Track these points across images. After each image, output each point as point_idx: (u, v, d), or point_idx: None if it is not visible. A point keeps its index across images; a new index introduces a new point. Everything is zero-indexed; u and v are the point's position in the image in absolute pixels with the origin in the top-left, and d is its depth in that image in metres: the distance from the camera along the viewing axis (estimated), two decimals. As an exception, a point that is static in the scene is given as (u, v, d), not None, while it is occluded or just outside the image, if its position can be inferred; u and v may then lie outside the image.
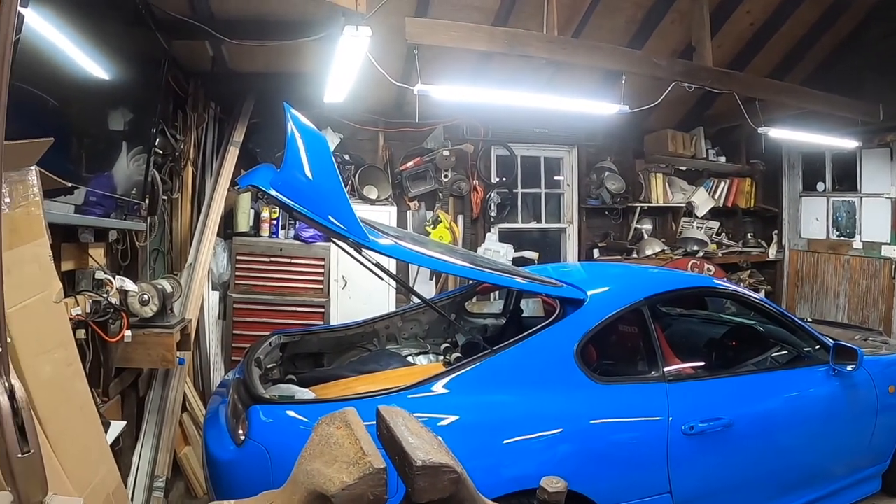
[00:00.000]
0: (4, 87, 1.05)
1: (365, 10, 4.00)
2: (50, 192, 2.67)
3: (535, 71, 6.87)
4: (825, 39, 7.80)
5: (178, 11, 4.31)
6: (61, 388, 2.34)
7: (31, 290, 2.23)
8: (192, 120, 5.61)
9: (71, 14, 2.89)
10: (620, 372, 3.93)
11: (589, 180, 8.37)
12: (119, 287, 3.59)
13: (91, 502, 2.34)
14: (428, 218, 7.46)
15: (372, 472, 1.12)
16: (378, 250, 3.14)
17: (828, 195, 8.86)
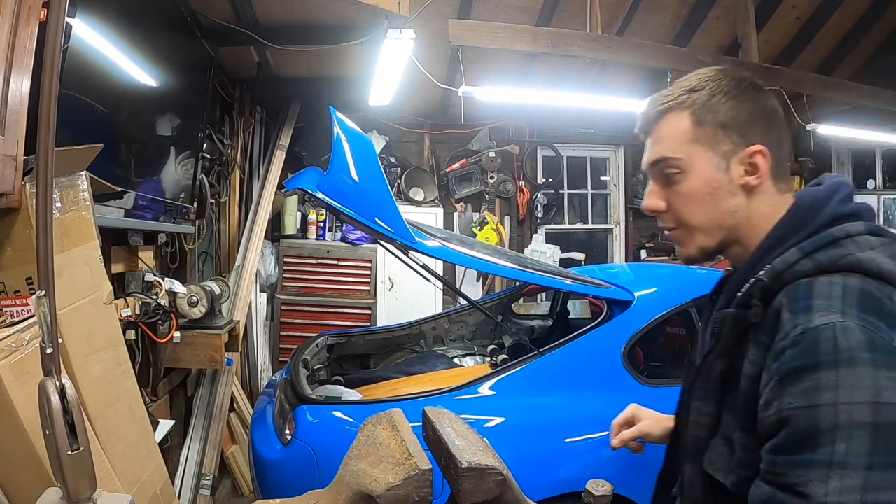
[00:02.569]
0: (54, 95, 1.06)
1: (408, 12, 4.01)
2: (100, 197, 2.72)
3: (579, 70, 6.82)
4: (873, 32, 7.60)
5: (224, 19, 4.36)
6: (111, 387, 2.37)
7: (82, 292, 2.27)
8: (239, 125, 5.68)
9: (119, 24, 2.94)
10: (667, 374, 3.87)
11: (636, 180, 8.28)
12: (168, 289, 3.64)
13: (139, 499, 2.37)
14: (474, 219, 7.45)
15: (417, 473, 1.12)
16: (424, 252, 3.14)
17: (878, 193, 8.65)
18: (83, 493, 1.11)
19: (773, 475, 1.07)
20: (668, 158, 1.31)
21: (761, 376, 1.14)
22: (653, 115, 1.34)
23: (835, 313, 1.07)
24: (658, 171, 1.34)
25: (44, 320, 1.08)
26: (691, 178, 1.30)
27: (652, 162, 1.34)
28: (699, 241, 1.33)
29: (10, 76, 1.83)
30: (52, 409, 1.08)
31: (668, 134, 1.31)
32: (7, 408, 1.70)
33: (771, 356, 1.12)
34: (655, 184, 1.35)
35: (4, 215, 2.04)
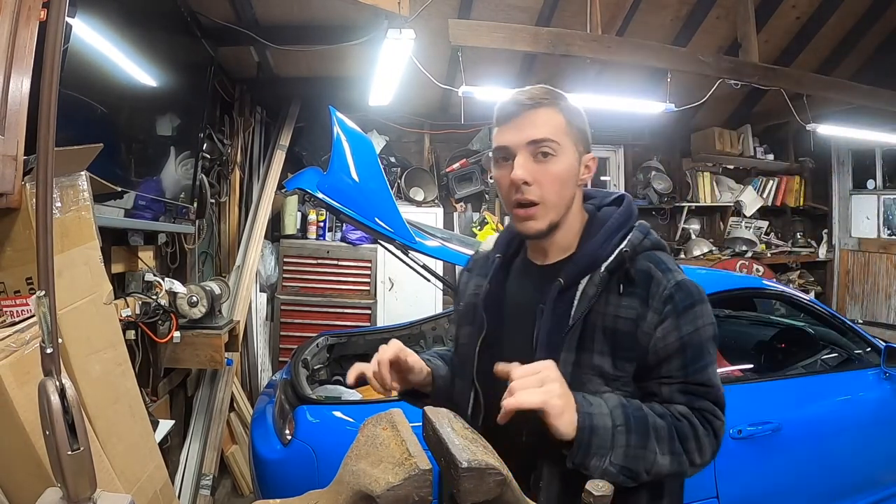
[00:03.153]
0: (54, 95, 1.06)
1: (408, 12, 4.00)
2: (100, 197, 2.72)
3: (579, 70, 6.82)
4: (873, 32, 7.59)
5: (224, 19, 4.36)
6: (111, 387, 2.37)
7: (82, 292, 2.27)
8: (239, 125, 5.68)
9: (119, 24, 2.94)
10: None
11: (636, 180, 8.29)
12: (168, 289, 3.64)
13: (139, 499, 2.37)
14: (474, 219, 7.45)
15: (417, 473, 1.12)
16: (425, 252, 3.14)
17: (878, 193, 8.65)
18: (83, 493, 1.11)
19: (685, 383, 1.54)
20: (549, 140, 1.57)
21: (642, 318, 1.53)
22: (527, 104, 1.60)
23: (680, 273, 1.59)
24: (535, 148, 1.57)
25: (44, 320, 1.08)
26: (561, 162, 1.58)
27: (534, 140, 1.57)
28: (550, 216, 1.60)
29: (10, 76, 1.83)
30: (52, 409, 1.08)
31: (548, 122, 1.59)
32: (7, 408, 1.70)
33: (657, 302, 1.53)
34: (527, 160, 1.57)
35: (4, 215, 2.04)
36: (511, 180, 1.57)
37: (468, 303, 1.79)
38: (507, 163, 1.62)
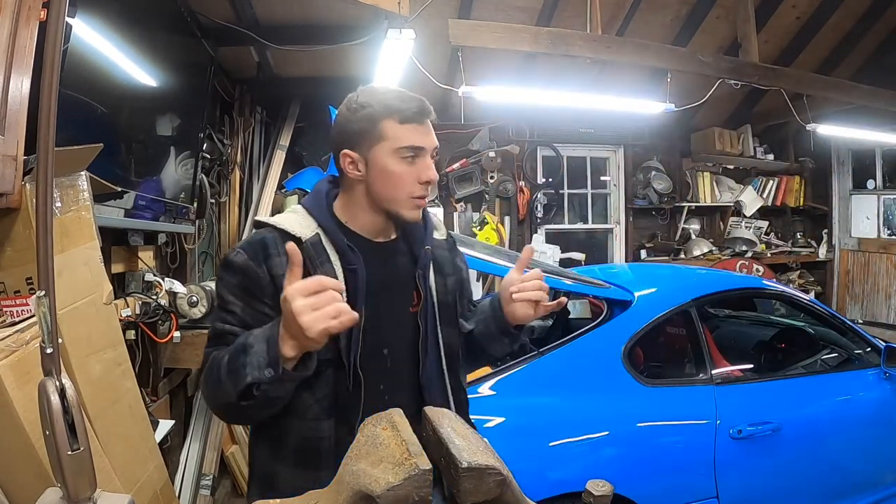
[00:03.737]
0: (54, 95, 1.06)
1: (408, 12, 4.00)
2: (100, 197, 2.72)
3: (579, 70, 6.82)
4: (873, 32, 7.61)
5: (224, 18, 4.35)
6: (111, 387, 2.38)
7: (82, 292, 2.27)
8: (239, 125, 5.68)
9: (119, 24, 2.93)
10: (668, 374, 3.87)
11: (636, 180, 8.29)
12: (168, 289, 3.64)
13: (139, 499, 2.37)
14: (474, 219, 7.45)
15: (417, 473, 1.12)
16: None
17: (878, 193, 8.66)
18: (83, 493, 1.11)
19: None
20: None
21: (459, 268, 2.04)
22: (428, 110, 1.76)
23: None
24: (434, 153, 1.79)
25: (44, 320, 1.08)
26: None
27: (435, 146, 1.79)
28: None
29: (10, 76, 1.83)
30: (52, 409, 1.08)
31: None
32: (7, 408, 1.71)
33: (464, 267, 2.10)
34: (432, 160, 1.78)
35: (4, 215, 2.04)
36: (427, 179, 1.75)
37: (276, 277, 1.69)
38: (414, 160, 1.74)
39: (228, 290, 1.70)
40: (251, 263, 1.68)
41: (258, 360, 1.48)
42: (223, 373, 1.55)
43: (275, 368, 1.46)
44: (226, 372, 1.55)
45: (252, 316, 1.66)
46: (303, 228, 1.74)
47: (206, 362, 1.66)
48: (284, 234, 1.72)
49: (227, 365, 1.55)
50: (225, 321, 1.68)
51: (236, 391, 1.51)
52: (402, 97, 1.74)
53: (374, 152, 1.72)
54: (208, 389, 1.65)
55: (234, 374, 1.52)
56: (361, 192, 1.78)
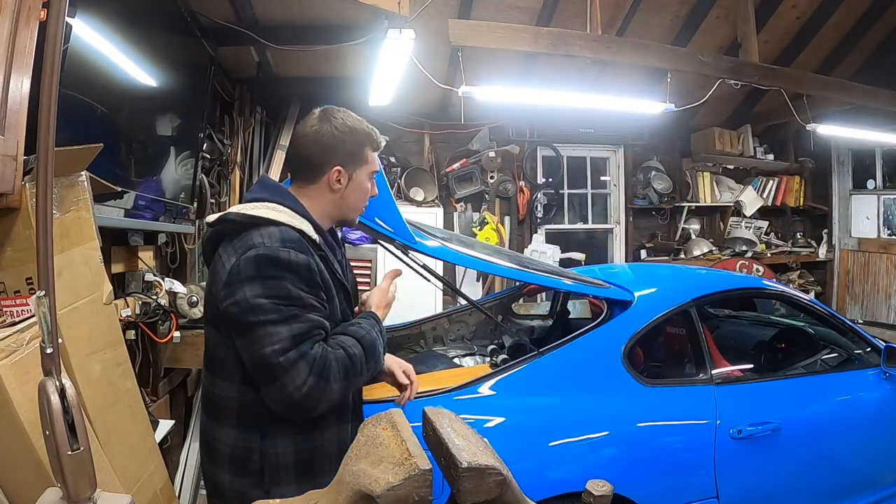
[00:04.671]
0: (54, 95, 1.06)
1: (408, 12, 4.00)
2: (100, 197, 2.72)
3: (579, 70, 6.82)
4: (873, 32, 7.60)
5: (224, 18, 4.36)
6: (111, 387, 2.38)
7: (82, 292, 2.27)
8: (239, 125, 5.68)
9: (119, 24, 2.93)
10: (668, 374, 3.87)
11: (636, 180, 8.29)
12: (168, 289, 3.64)
13: (139, 499, 2.37)
14: (474, 219, 7.45)
15: (417, 473, 1.12)
16: (425, 252, 3.13)
17: (878, 193, 8.66)
18: (83, 493, 1.11)
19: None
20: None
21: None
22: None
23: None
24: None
25: (44, 320, 1.08)
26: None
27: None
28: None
29: (10, 76, 1.83)
30: (52, 409, 1.08)
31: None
32: (7, 408, 1.70)
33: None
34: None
35: (4, 215, 2.04)
36: (374, 195, 2.18)
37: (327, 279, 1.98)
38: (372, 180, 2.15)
39: (296, 286, 1.83)
40: (311, 261, 1.89)
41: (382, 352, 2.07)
42: (365, 364, 1.95)
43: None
44: (371, 361, 1.98)
45: (323, 308, 1.92)
46: (308, 229, 1.96)
47: (324, 360, 1.82)
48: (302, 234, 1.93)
49: (365, 355, 1.94)
50: (312, 312, 1.86)
51: (375, 371, 2.05)
52: (374, 129, 2.13)
53: (357, 172, 2.08)
54: (346, 381, 1.88)
55: (376, 362, 2.02)
56: (330, 201, 2.07)
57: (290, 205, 1.97)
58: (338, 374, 1.82)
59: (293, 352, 1.76)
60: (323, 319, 1.87)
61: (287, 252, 1.82)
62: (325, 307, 1.91)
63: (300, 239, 1.89)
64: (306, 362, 1.76)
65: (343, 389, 1.87)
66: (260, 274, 1.80)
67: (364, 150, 2.07)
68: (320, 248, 1.98)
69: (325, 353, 1.82)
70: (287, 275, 1.81)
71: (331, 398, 1.84)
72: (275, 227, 1.88)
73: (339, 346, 1.88)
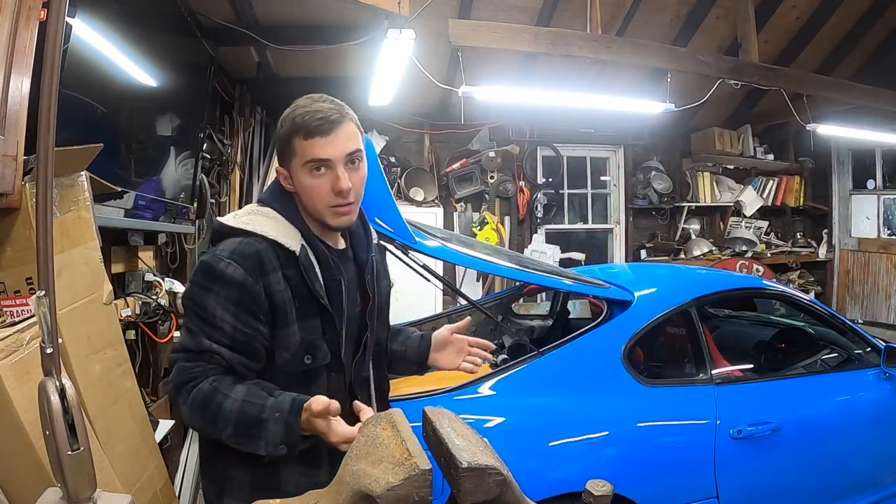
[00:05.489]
0: (54, 95, 1.06)
1: (408, 12, 4.00)
2: (100, 197, 2.72)
3: (579, 70, 6.83)
4: (873, 32, 7.60)
5: (224, 19, 4.36)
6: (111, 387, 2.38)
7: (82, 292, 2.27)
8: (239, 125, 5.68)
9: (119, 24, 2.94)
10: (668, 374, 3.87)
11: (635, 180, 8.29)
12: (168, 289, 3.64)
13: (139, 499, 2.37)
14: (474, 219, 7.46)
15: (417, 473, 1.12)
16: (425, 252, 3.13)
17: (878, 193, 8.65)
18: (83, 493, 1.11)
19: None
20: (358, 150, 1.84)
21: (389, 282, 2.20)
22: (338, 120, 1.79)
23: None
24: (350, 158, 1.81)
25: (44, 320, 1.08)
26: (364, 167, 1.88)
27: (350, 152, 1.81)
28: (357, 209, 1.91)
29: (10, 76, 1.83)
30: (52, 409, 1.08)
31: (354, 134, 1.83)
32: (7, 408, 1.71)
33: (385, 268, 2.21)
34: (345, 170, 1.81)
35: (4, 215, 2.04)
36: (338, 189, 1.79)
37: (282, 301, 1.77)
38: (322, 172, 1.80)
39: (219, 304, 1.70)
40: (249, 279, 1.72)
41: (275, 438, 1.60)
42: (224, 426, 1.64)
43: (289, 447, 1.62)
44: (230, 429, 1.64)
45: (243, 334, 1.72)
46: (291, 239, 1.81)
47: (186, 384, 1.68)
48: (276, 245, 1.79)
49: (234, 426, 1.63)
50: (211, 338, 1.70)
51: (236, 445, 1.67)
52: (308, 112, 1.79)
53: (292, 168, 1.84)
54: (196, 417, 1.68)
55: (242, 438, 1.64)
56: (301, 204, 1.89)
57: (281, 209, 1.88)
58: (190, 401, 1.67)
59: (176, 354, 1.74)
60: (224, 349, 1.70)
61: (226, 264, 1.71)
62: (249, 333, 1.73)
63: (258, 255, 1.75)
64: (177, 369, 1.71)
65: (197, 424, 1.72)
66: (194, 279, 1.78)
67: (291, 141, 1.81)
68: (295, 264, 1.81)
69: (197, 374, 1.69)
70: (214, 287, 1.72)
71: (184, 418, 1.73)
72: (238, 237, 1.79)
73: (216, 385, 1.67)
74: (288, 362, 1.79)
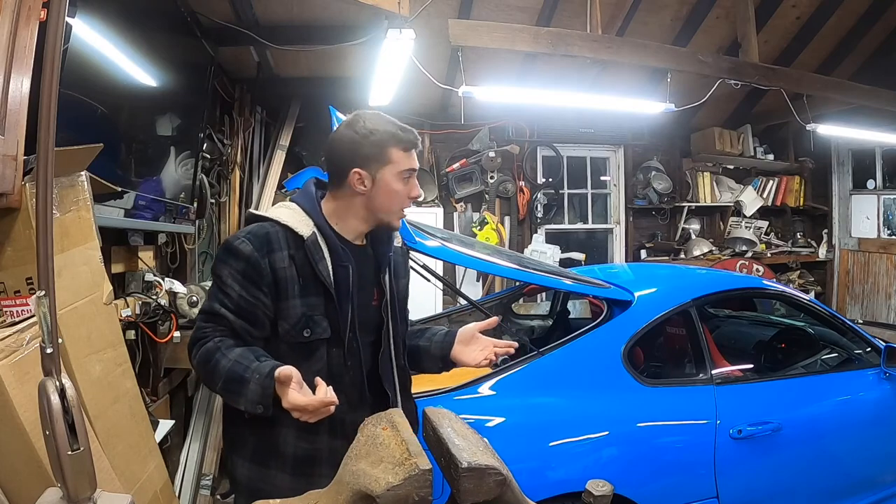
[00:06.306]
0: (54, 95, 1.06)
1: (408, 12, 4.00)
2: (100, 197, 2.72)
3: (579, 70, 6.82)
4: (873, 32, 7.60)
5: (224, 19, 4.36)
6: (111, 387, 2.38)
7: (82, 292, 2.27)
8: (239, 125, 5.68)
9: (119, 24, 2.93)
10: (668, 374, 3.87)
11: (636, 180, 8.28)
12: (168, 289, 3.64)
13: (139, 499, 2.37)
14: (474, 219, 7.45)
15: (417, 473, 1.12)
16: (425, 252, 3.14)
17: (878, 193, 8.65)
18: (83, 493, 1.11)
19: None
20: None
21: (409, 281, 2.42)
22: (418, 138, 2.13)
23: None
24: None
25: (44, 320, 1.08)
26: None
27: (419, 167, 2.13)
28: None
29: (10, 76, 1.83)
30: (52, 409, 1.08)
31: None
32: (7, 408, 1.70)
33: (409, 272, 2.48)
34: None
35: (4, 215, 2.04)
36: (416, 195, 2.15)
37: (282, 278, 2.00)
38: (408, 180, 2.10)
39: (230, 275, 1.97)
40: (256, 254, 1.96)
41: (253, 396, 1.81)
42: (217, 380, 1.89)
43: (265, 407, 1.81)
44: (220, 384, 1.89)
45: (246, 301, 1.97)
46: (302, 226, 2.03)
47: (199, 340, 1.98)
48: (287, 230, 2.02)
49: (223, 381, 1.87)
50: (222, 303, 1.98)
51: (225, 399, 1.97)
52: (403, 128, 2.08)
53: (381, 173, 2.05)
54: (200, 370, 1.98)
55: (228, 393, 1.89)
56: (360, 204, 2.09)
57: (303, 203, 2.10)
58: (196, 357, 1.97)
59: (199, 316, 2.07)
60: (230, 314, 1.97)
61: (239, 242, 1.98)
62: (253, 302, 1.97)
63: (268, 235, 2.01)
64: (195, 328, 2.03)
65: (200, 373, 2.02)
66: (217, 254, 2.07)
67: (386, 150, 2.05)
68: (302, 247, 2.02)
69: (207, 333, 1.98)
70: (228, 261, 1.98)
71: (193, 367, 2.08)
72: (259, 222, 2.06)
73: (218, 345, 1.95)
74: (287, 332, 2.01)
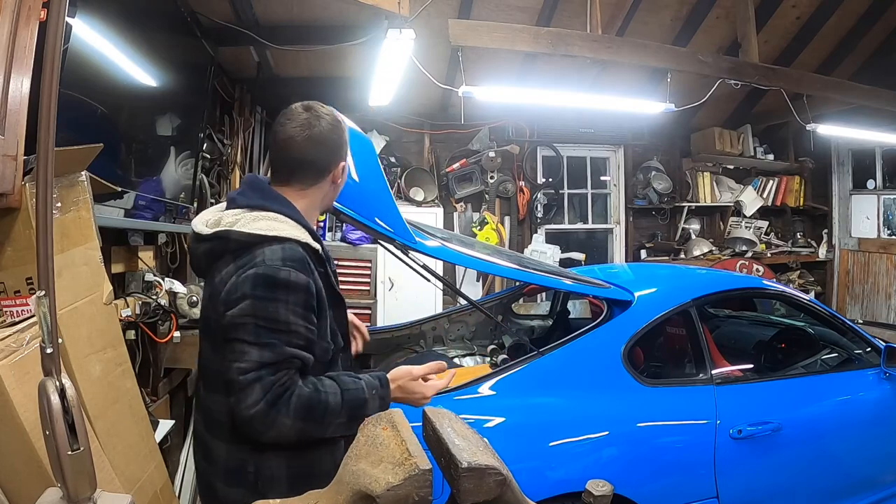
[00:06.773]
0: (54, 95, 1.06)
1: (408, 12, 4.00)
2: (100, 197, 2.72)
3: (579, 70, 6.82)
4: (873, 32, 7.59)
5: (224, 19, 4.36)
6: (111, 387, 2.38)
7: (82, 292, 2.27)
8: (239, 125, 5.68)
9: (119, 24, 2.93)
10: (668, 374, 3.86)
11: (636, 180, 8.29)
12: (168, 289, 3.63)
13: (139, 499, 2.37)
14: (474, 219, 7.45)
15: (417, 473, 1.12)
16: (425, 252, 3.13)
17: (878, 193, 8.65)
18: (83, 493, 1.11)
19: None
20: None
21: None
22: None
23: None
24: None
25: (44, 320, 1.08)
26: None
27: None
28: None
29: (10, 76, 1.83)
30: (52, 409, 1.08)
31: None
32: (7, 408, 1.70)
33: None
34: None
35: (4, 215, 2.04)
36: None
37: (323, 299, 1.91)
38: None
39: (290, 311, 1.77)
40: (309, 282, 1.81)
41: (374, 412, 1.64)
42: (334, 418, 1.79)
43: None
44: (343, 419, 1.80)
45: (312, 332, 1.83)
46: (310, 239, 1.90)
47: (281, 396, 1.72)
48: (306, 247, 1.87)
49: (347, 415, 1.80)
50: (290, 344, 1.76)
51: (342, 433, 1.83)
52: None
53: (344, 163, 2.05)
54: (305, 420, 1.75)
55: (353, 422, 1.75)
56: (327, 197, 2.08)
57: (290, 213, 1.90)
58: (294, 410, 1.72)
59: (252, 373, 1.70)
60: (302, 351, 1.79)
61: (287, 272, 1.77)
62: (314, 331, 1.83)
63: (304, 257, 1.83)
64: (262, 387, 1.70)
65: (300, 429, 1.76)
66: (254, 294, 1.75)
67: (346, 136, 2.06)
68: (322, 262, 1.93)
69: (289, 384, 1.74)
70: (281, 296, 1.76)
71: (282, 430, 1.73)
72: (279, 244, 1.81)
73: (312, 385, 1.79)
74: (323, 350, 1.90)
